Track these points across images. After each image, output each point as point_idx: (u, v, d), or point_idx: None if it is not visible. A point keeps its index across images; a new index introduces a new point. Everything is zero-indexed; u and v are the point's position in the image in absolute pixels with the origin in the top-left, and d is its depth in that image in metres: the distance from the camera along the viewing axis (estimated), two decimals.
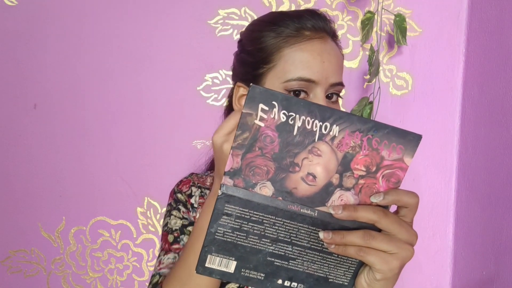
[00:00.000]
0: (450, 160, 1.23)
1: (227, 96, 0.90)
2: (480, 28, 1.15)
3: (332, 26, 0.72)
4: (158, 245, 1.24)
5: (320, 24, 0.69)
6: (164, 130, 1.20)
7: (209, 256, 0.47)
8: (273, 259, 0.48)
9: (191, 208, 0.75)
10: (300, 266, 0.48)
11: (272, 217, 0.46)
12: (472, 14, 1.18)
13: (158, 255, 0.72)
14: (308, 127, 0.43)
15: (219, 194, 0.45)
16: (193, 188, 0.77)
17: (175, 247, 0.71)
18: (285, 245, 0.47)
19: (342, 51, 0.74)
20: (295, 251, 0.48)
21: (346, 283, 0.50)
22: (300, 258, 0.48)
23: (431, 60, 1.22)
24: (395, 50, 1.22)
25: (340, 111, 0.44)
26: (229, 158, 0.44)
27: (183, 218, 0.74)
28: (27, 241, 1.21)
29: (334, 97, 0.69)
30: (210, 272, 0.48)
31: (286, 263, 0.48)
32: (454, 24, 1.21)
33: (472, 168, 1.16)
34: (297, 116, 0.43)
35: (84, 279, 1.23)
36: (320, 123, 0.43)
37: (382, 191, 0.46)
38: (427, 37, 1.21)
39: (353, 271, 0.49)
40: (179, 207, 0.75)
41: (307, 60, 0.65)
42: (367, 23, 1.11)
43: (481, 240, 1.10)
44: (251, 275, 0.48)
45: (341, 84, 0.69)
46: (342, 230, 0.46)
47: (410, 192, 0.47)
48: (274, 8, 1.19)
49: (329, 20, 0.71)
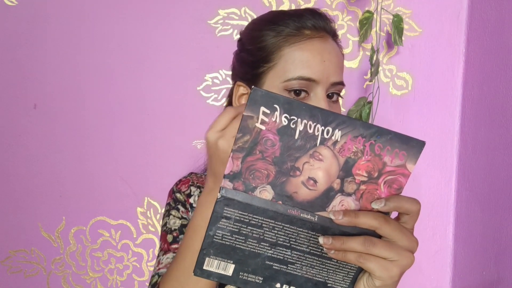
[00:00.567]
0: (450, 160, 1.23)
1: (227, 96, 0.90)
2: (480, 28, 1.14)
3: (333, 25, 0.71)
4: (158, 245, 1.24)
5: (321, 24, 0.68)
6: (164, 130, 1.20)
7: (207, 258, 0.47)
8: (271, 263, 0.47)
9: (190, 208, 0.75)
10: (299, 271, 0.48)
11: (271, 221, 0.46)
12: (472, 14, 1.18)
13: (158, 255, 0.72)
14: (310, 131, 0.43)
15: (218, 197, 0.45)
16: (192, 188, 0.77)
17: (174, 246, 0.71)
18: (284, 249, 0.47)
19: (342, 51, 0.73)
20: (294, 255, 0.47)
21: None
22: (299, 263, 0.48)
23: (431, 60, 1.21)
24: (395, 50, 1.21)
25: (343, 115, 0.43)
26: (229, 161, 0.44)
27: (182, 218, 0.74)
28: (27, 241, 1.21)
29: (335, 96, 0.69)
30: (208, 275, 0.47)
31: (285, 267, 0.48)
32: (454, 24, 1.21)
33: (472, 168, 1.16)
34: (299, 120, 0.42)
35: (84, 279, 1.23)
36: (322, 128, 0.43)
37: (384, 197, 0.46)
38: (427, 37, 1.21)
39: (352, 276, 0.49)
40: (178, 206, 0.75)
41: (307, 59, 0.65)
42: (365, 23, 1.11)
43: (481, 240, 1.10)
44: (249, 279, 0.48)
45: (341, 83, 0.69)
46: (342, 236, 0.46)
47: (412, 198, 0.46)
48: (274, 8, 1.18)
49: (329, 19, 0.71)
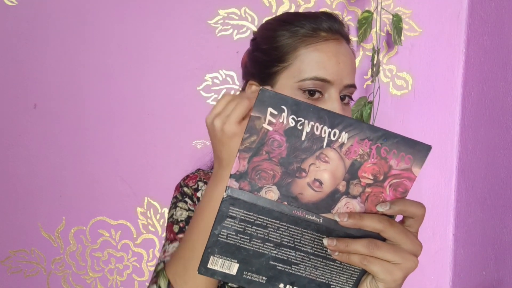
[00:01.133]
0: (450, 160, 1.23)
1: None
2: (480, 28, 1.15)
3: (346, 30, 0.73)
4: (158, 245, 1.24)
5: (336, 26, 0.70)
6: (164, 130, 1.20)
7: (211, 257, 0.47)
8: (275, 263, 0.48)
9: (197, 202, 0.75)
10: (303, 272, 0.48)
11: (276, 221, 0.46)
12: (472, 14, 1.18)
13: (163, 245, 0.72)
14: (317, 133, 0.43)
15: (224, 197, 0.45)
16: (199, 183, 0.77)
17: (180, 236, 0.70)
18: (288, 250, 0.47)
19: (355, 55, 0.74)
20: (298, 256, 0.47)
21: None
22: (303, 264, 0.48)
23: (431, 60, 1.22)
24: (395, 50, 1.22)
25: (350, 118, 0.43)
26: (235, 161, 0.44)
27: (189, 210, 0.74)
28: (27, 241, 1.21)
29: (347, 98, 0.70)
30: (212, 273, 0.48)
31: (289, 267, 0.48)
32: (454, 24, 1.21)
33: (472, 168, 1.16)
34: (306, 121, 0.42)
35: (84, 279, 1.23)
36: (329, 130, 0.43)
37: (389, 201, 0.46)
38: (427, 37, 1.21)
39: (355, 278, 0.49)
40: (186, 199, 0.75)
41: (323, 60, 0.66)
42: (364, 22, 1.11)
43: (481, 240, 1.11)
44: (253, 278, 0.48)
45: (354, 86, 0.70)
46: (346, 238, 0.46)
47: (417, 202, 0.46)
48: (274, 9, 1.19)
49: (343, 23, 0.72)
